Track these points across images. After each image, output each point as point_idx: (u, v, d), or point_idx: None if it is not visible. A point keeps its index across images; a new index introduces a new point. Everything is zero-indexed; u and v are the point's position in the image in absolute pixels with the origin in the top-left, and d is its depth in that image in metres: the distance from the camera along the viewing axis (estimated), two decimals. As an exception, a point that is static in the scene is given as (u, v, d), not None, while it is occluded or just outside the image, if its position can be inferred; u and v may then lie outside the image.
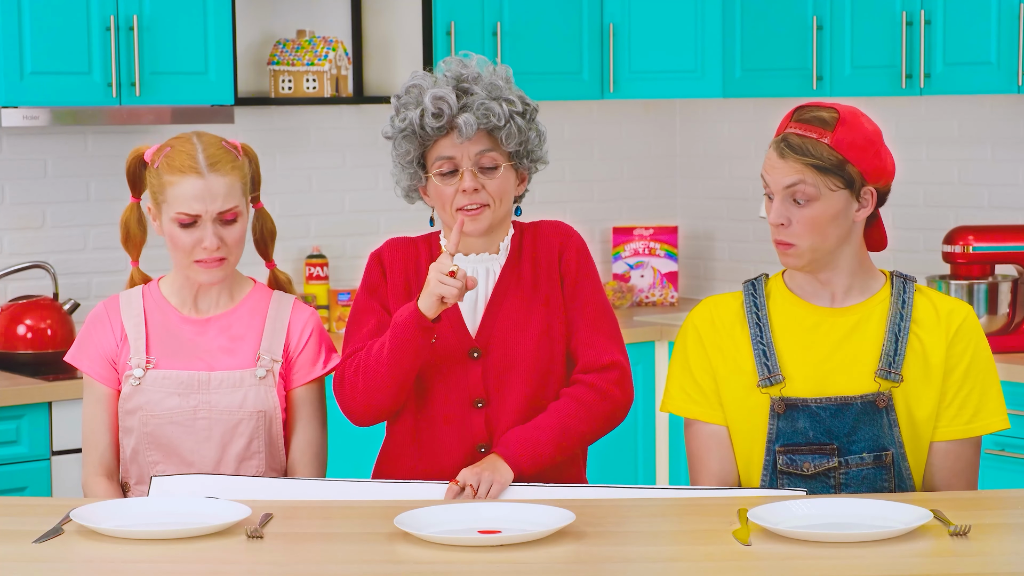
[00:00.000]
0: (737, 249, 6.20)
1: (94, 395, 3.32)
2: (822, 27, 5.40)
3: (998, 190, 5.47)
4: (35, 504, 3.21)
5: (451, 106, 3.16)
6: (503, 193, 3.23)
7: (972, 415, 3.10)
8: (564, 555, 2.64)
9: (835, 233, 3.05)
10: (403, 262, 3.30)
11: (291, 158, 5.64)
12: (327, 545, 2.75)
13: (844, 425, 3.07)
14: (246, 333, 3.31)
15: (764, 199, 3.10)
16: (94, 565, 2.67)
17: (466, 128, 3.15)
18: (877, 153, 3.06)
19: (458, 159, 3.19)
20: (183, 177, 3.21)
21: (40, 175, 5.24)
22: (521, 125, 3.21)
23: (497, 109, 3.17)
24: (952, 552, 2.62)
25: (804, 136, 3.02)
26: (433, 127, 3.17)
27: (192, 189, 3.20)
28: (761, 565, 2.59)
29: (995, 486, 4.59)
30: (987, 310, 5.04)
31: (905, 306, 3.10)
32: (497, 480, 3.08)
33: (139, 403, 3.27)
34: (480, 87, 3.19)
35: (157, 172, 3.24)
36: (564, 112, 6.06)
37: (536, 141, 3.26)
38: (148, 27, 4.92)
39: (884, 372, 3.06)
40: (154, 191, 3.26)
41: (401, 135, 3.21)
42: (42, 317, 4.93)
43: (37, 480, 4.62)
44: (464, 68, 3.22)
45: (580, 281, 3.27)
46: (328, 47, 5.43)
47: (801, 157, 3.01)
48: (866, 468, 3.08)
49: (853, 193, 3.04)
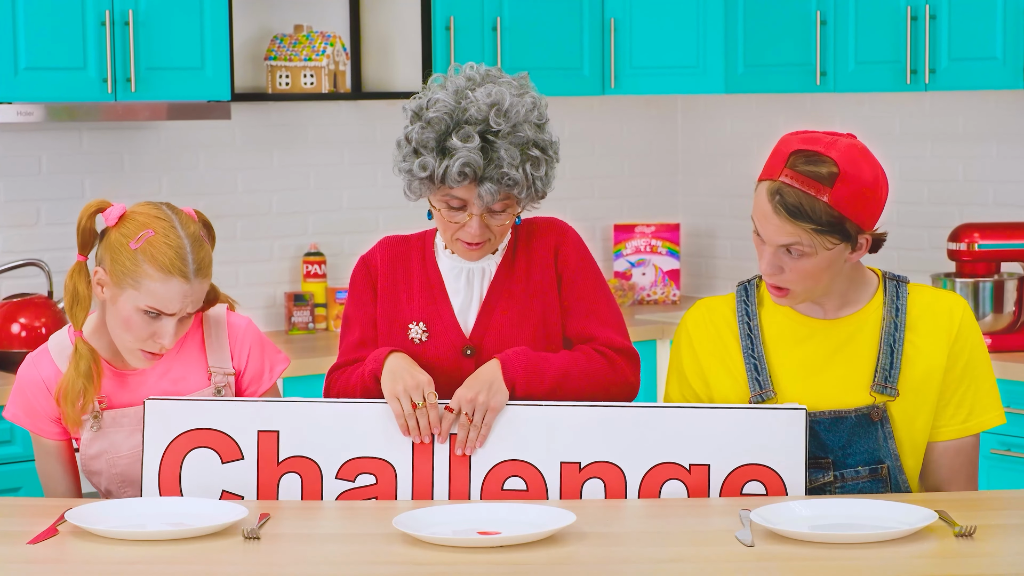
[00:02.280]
0: (739, 247, 6.20)
1: (42, 449, 3.24)
2: (826, 22, 5.42)
3: (1003, 187, 5.47)
4: (29, 504, 3.20)
5: (476, 172, 3.08)
6: (507, 228, 3.21)
7: (969, 412, 3.09)
8: (564, 556, 2.64)
9: (828, 279, 3.03)
10: (392, 261, 3.29)
11: (288, 155, 5.63)
12: (325, 546, 2.75)
13: (839, 439, 3.05)
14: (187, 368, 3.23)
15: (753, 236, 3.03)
16: (89, 566, 2.66)
17: (487, 196, 3.09)
18: (876, 200, 2.98)
19: (469, 202, 3.14)
20: (169, 277, 3.04)
21: (35, 172, 5.22)
22: (539, 186, 3.14)
23: (520, 177, 3.09)
24: (958, 553, 2.62)
25: (801, 192, 2.92)
26: (456, 183, 3.10)
27: (176, 292, 3.05)
28: (764, 566, 2.58)
29: (1000, 486, 4.70)
30: (992, 308, 5.03)
31: (899, 314, 3.07)
32: (492, 407, 3.06)
33: (103, 447, 3.18)
34: (508, 142, 3.08)
35: (134, 255, 3.04)
36: (565, 108, 6.03)
37: (549, 177, 3.19)
38: (144, 22, 4.89)
39: (880, 387, 3.05)
40: (123, 270, 3.05)
41: (419, 182, 3.13)
42: (36, 315, 4.91)
43: (31, 481, 4.41)
44: (497, 115, 3.08)
45: (578, 276, 3.25)
46: (326, 42, 5.42)
47: (798, 222, 2.93)
48: (862, 482, 3.06)
49: (849, 243, 2.99)
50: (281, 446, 3.07)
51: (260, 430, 3.08)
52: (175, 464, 3.07)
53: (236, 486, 3.07)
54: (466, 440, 3.06)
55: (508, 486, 3.05)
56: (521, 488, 3.05)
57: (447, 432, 3.07)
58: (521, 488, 3.05)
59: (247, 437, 3.07)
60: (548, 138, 3.16)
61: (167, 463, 3.07)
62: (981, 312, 5.01)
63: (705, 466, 3.01)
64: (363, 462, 3.08)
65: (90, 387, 3.13)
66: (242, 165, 5.53)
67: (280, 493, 3.07)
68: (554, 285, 3.24)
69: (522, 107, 3.10)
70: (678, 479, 3.02)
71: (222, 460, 3.08)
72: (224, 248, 5.41)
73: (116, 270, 3.06)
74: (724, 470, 3.00)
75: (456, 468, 3.07)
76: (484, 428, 3.06)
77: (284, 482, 3.07)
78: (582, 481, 3.04)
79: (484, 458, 3.06)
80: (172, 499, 2.99)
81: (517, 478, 3.05)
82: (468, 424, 3.06)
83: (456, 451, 3.06)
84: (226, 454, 3.08)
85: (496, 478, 3.05)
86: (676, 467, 3.02)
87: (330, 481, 3.07)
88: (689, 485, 3.01)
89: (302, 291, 5.57)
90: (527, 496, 3.03)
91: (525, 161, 3.10)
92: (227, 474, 3.07)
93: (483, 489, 3.05)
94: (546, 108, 3.18)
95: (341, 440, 3.07)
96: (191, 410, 3.09)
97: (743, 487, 3.00)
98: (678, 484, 3.02)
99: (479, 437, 3.06)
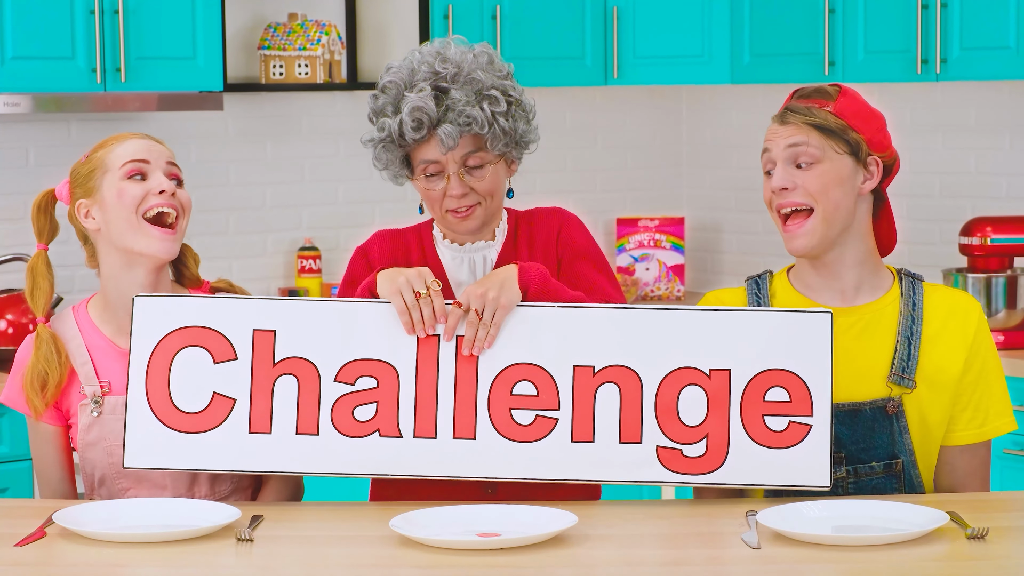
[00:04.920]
0: (746, 241, 6.20)
1: (39, 434, 3.19)
2: (834, 10, 5.39)
3: (1017, 180, 5.46)
4: (16, 506, 3.16)
5: (430, 116, 3.08)
6: (494, 189, 3.17)
7: (985, 417, 3.09)
8: (565, 559, 2.62)
9: (841, 202, 3.02)
10: (392, 255, 3.24)
11: (282, 146, 5.64)
12: (320, 548, 2.73)
13: (853, 432, 3.03)
14: None
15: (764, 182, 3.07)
16: (78, 569, 2.65)
17: (447, 139, 3.08)
18: (881, 128, 3.07)
19: (443, 162, 3.12)
20: (126, 139, 3.13)
21: (22, 164, 5.22)
22: (505, 126, 3.12)
23: (479, 115, 3.09)
24: (970, 555, 2.61)
25: (806, 104, 3.05)
26: (413, 138, 3.10)
27: (137, 144, 3.12)
28: (771, 569, 2.57)
29: (1013, 487, 4.72)
30: (1006, 304, 5.02)
31: (916, 308, 3.07)
32: (502, 304, 2.98)
33: (101, 434, 3.13)
34: (460, 86, 3.10)
35: (91, 157, 3.14)
36: (566, 99, 6.05)
37: (525, 130, 3.18)
38: (134, 10, 4.90)
39: (897, 377, 3.03)
40: (88, 177, 3.13)
41: (381, 145, 3.15)
42: (24, 312, 4.90)
43: (19, 481, 4.60)
44: (443, 62, 3.11)
45: (579, 257, 3.21)
46: (321, 31, 5.44)
47: (804, 118, 3.02)
48: (876, 477, 3.05)
49: (859, 161, 3.03)
50: (277, 346, 3.00)
51: (256, 329, 3.01)
52: (164, 364, 3.00)
53: (228, 388, 2.99)
54: (474, 339, 2.96)
55: (517, 391, 2.97)
56: (531, 393, 2.97)
57: (453, 328, 2.98)
58: (531, 393, 2.97)
59: (242, 336, 3.00)
60: (511, 87, 3.14)
61: (155, 363, 3.00)
62: (994, 308, 5.01)
63: (726, 371, 2.94)
64: (364, 364, 2.99)
65: (52, 373, 3.10)
66: (235, 157, 5.56)
67: (275, 396, 2.99)
68: (555, 269, 3.20)
69: (471, 55, 3.12)
70: (697, 384, 2.94)
71: (214, 360, 3.00)
72: (216, 242, 5.44)
73: (85, 181, 3.12)
74: (745, 376, 2.93)
75: (462, 370, 2.97)
76: (493, 328, 2.96)
77: (280, 384, 2.99)
78: (596, 386, 2.96)
79: (492, 360, 2.97)
80: (164, 500, 2.95)
81: (527, 383, 2.97)
82: (477, 322, 2.97)
83: (463, 351, 2.97)
84: (219, 354, 3.00)
85: (504, 382, 2.96)
86: (695, 372, 2.95)
87: (328, 384, 2.99)
88: (709, 391, 2.94)
89: (296, 287, 5.59)
90: (537, 403, 2.96)
91: (482, 100, 3.09)
92: (219, 375, 2.99)
93: (491, 394, 2.97)
94: (509, 69, 3.18)
95: (341, 341, 3.00)
96: (182, 307, 3.02)
97: (765, 394, 2.93)
98: (697, 390, 2.94)
99: (487, 337, 2.96)
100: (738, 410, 2.92)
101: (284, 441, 2.96)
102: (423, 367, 2.98)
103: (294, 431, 2.96)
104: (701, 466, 2.90)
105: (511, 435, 2.94)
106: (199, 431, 2.96)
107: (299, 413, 2.97)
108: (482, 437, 2.94)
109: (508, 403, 2.96)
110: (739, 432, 2.90)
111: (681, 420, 2.92)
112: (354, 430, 2.95)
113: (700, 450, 2.90)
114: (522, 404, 2.95)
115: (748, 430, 2.90)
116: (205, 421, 2.97)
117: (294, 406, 2.98)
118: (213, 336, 3.01)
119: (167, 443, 2.97)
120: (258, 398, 2.99)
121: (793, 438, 2.89)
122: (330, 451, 2.95)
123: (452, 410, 2.95)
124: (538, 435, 2.94)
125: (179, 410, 2.97)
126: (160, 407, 2.98)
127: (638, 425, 2.92)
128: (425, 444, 2.94)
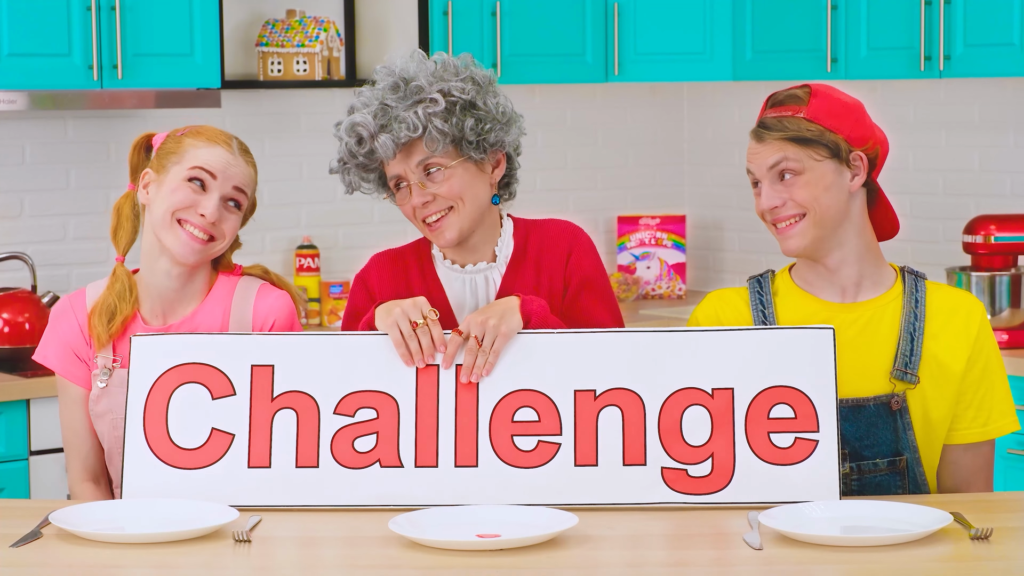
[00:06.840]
0: (747, 239, 6.19)
1: (69, 397, 3.24)
2: (837, 7, 5.39)
3: (1021, 177, 5.46)
4: (12, 506, 3.15)
5: (369, 130, 3.10)
6: (461, 191, 3.14)
7: (988, 416, 3.10)
8: (565, 559, 2.61)
9: (833, 205, 3.02)
10: (392, 280, 3.24)
11: (280, 144, 5.63)
12: (318, 550, 2.73)
13: (857, 428, 3.03)
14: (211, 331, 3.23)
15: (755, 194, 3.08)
16: (75, 570, 2.64)
17: (384, 150, 3.10)
18: (859, 120, 3.05)
19: (403, 174, 3.14)
20: (213, 144, 3.16)
21: (18, 162, 5.21)
22: (442, 127, 3.09)
23: (412, 119, 3.08)
24: (973, 556, 2.59)
25: (779, 116, 3.04)
26: (359, 152, 3.13)
27: (218, 155, 3.15)
28: (774, 570, 2.56)
29: (1016, 487, 4.73)
30: (1010, 303, 5.01)
31: (919, 305, 3.07)
32: (503, 332, 2.97)
33: (108, 406, 3.18)
34: (400, 96, 3.11)
35: (178, 139, 3.18)
36: (566, 96, 6.05)
37: (479, 127, 3.14)
38: (131, 7, 4.89)
39: (900, 373, 3.03)
40: (168, 152, 3.17)
41: (343, 169, 3.18)
42: (20, 310, 4.89)
43: (15, 481, 4.58)
44: (388, 75, 3.14)
45: (584, 288, 3.20)
46: (319, 28, 5.44)
47: (779, 133, 3.02)
48: (880, 474, 3.05)
49: (841, 161, 3.02)
50: (276, 381, 2.99)
51: (254, 364, 3.00)
52: (162, 401, 2.99)
53: (227, 423, 2.97)
54: (472, 366, 2.95)
55: (519, 417, 2.95)
56: (532, 419, 2.95)
57: (452, 356, 2.96)
58: (532, 419, 2.95)
59: (240, 372, 2.99)
60: (459, 88, 3.12)
61: (153, 399, 2.99)
62: (998, 307, 5.00)
63: (729, 390, 2.93)
64: (363, 396, 2.98)
65: (123, 307, 3.18)
66: (233, 155, 5.51)
67: (274, 430, 2.97)
68: (560, 293, 3.20)
69: (428, 64, 3.14)
70: (701, 404, 2.93)
71: (212, 396, 2.99)
72: (214, 241, 5.39)
73: (161, 157, 3.17)
74: (749, 394, 2.92)
75: (463, 398, 2.96)
76: (492, 355, 2.95)
77: (279, 418, 2.98)
78: (598, 410, 2.94)
79: (492, 387, 2.96)
80: (160, 501, 2.91)
81: (528, 408, 2.95)
82: (476, 349, 2.95)
83: (462, 378, 2.96)
84: (217, 390, 2.99)
85: (506, 409, 2.95)
86: (698, 392, 2.93)
87: (327, 416, 2.97)
88: (712, 411, 2.92)
89: (296, 285, 5.44)
90: (538, 429, 2.94)
91: (417, 104, 3.09)
92: (217, 411, 2.98)
93: (492, 421, 2.95)
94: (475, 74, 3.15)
95: (340, 374, 2.99)
96: (180, 344, 3.02)
97: (770, 411, 2.91)
98: (701, 410, 2.92)
99: (486, 364, 2.95)
100: (743, 428, 2.91)
101: (284, 475, 2.95)
102: (423, 396, 2.97)
103: (294, 464, 2.94)
104: (707, 486, 2.89)
105: (514, 461, 2.92)
106: (198, 467, 2.95)
107: (298, 446, 2.95)
108: (484, 464, 2.92)
109: (510, 429, 2.94)
110: (745, 450, 2.89)
111: (685, 440, 2.91)
112: (355, 461, 2.94)
113: (706, 469, 2.89)
114: (524, 430, 2.94)
115: (754, 448, 2.89)
116: (204, 457, 2.95)
117: (293, 439, 2.96)
118: (211, 372, 3.00)
119: (166, 479, 2.95)
120: (257, 433, 2.98)
121: (800, 454, 2.88)
122: (331, 483, 2.93)
123: (453, 438, 2.94)
124: (541, 460, 2.92)
125: (177, 446, 2.96)
126: (158, 444, 2.96)
127: (642, 447, 2.91)
128: (427, 473, 2.92)
